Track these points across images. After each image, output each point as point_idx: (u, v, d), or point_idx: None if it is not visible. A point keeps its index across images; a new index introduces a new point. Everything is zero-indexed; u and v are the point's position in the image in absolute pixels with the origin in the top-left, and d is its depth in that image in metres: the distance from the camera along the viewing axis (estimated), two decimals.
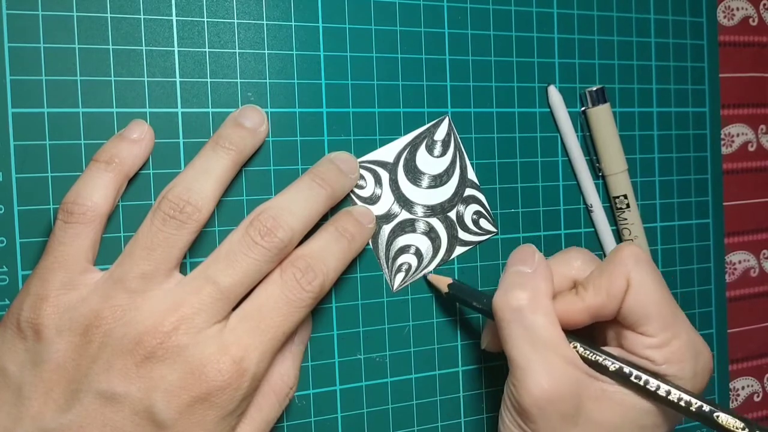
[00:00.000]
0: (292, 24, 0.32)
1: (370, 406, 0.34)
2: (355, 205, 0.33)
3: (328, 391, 0.33)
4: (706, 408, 0.27)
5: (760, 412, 0.44)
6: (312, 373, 0.33)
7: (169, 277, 0.27)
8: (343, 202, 0.33)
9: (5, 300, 0.28)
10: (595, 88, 0.37)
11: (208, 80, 0.31)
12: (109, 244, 0.29)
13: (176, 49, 0.30)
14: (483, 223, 0.36)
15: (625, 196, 0.38)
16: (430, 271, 0.35)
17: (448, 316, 0.35)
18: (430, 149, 0.35)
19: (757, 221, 0.44)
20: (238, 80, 0.31)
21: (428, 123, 0.35)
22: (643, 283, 0.29)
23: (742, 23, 0.43)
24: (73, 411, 0.24)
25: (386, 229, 0.34)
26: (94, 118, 0.29)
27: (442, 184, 0.35)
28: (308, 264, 0.28)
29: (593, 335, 0.32)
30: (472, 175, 0.36)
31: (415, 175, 0.35)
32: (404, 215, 0.34)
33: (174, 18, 0.30)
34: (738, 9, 0.43)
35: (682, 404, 0.27)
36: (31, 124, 0.28)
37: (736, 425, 0.27)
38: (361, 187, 0.33)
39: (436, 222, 0.35)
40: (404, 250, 0.34)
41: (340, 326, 0.33)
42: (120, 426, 0.24)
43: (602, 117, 0.37)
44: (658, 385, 0.28)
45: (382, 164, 0.34)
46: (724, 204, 0.42)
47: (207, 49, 0.31)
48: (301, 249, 0.29)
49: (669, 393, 0.28)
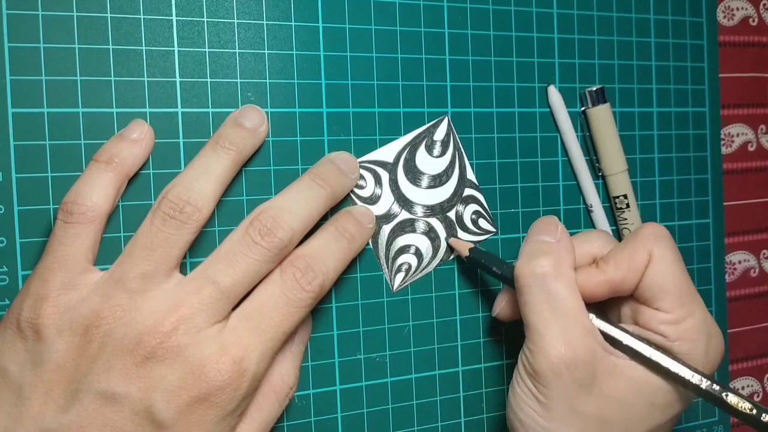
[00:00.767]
0: (292, 24, 0.32)
1: (370, 406, 0.34)
2: (355, 205, 0.33)
3: (328, 391, 0.33)
4: (716, 387, 0.27)
5: None
6: (312, 373, 0.33)
7: (169, 277, 0.27)
8: (343, 202, 0.33)
9: (5, 300, 0.28)
10: (595, 88, 0.37)
11: (208, 80, 0.31)
12: (109, 244, 0.29)
13: (176, 49, 0.30)
14: (482, 222, 0.36)
15: (625, 196, 0.38)
16: (431, 271, 0.35)
17: (448, 316, 0.35)
18: (430, 149, 0.35)
19: (757, 221, 0.44)
20: (238, 80, 0.31)
21: (428, 123, 0.35)
22: (664, 258, 0.29)
23: (742, 23, 0.43)
24: (73, 411, 0.24)
25: (386, 229, 0.34)
26: (94, 118, 0.29)
27: (442, 184, 0.35)
28: (308, 264, 0.28)
29: (606, 313, 0.32)
30: (471, 175, 0.36)
31: (414, 175, 0.35)
32: (404, 215, 0.34)
33: (174, 18, 0.30)
34: (738, 9, 0.43)
35: (693, 381, 0.28)
36: (31, 124, 0.28)
37: (745, 407, 0.26)
38: (361, 187, 0.33)
39: (435, 222, 0.35)
40: (404, 250, 0.34)
41: (340, 326, 0.33)
42: (120, 426, 0.24)
43: (602, 117, 0.37)
44: (670, 361, 0.28)
45: (382, 164, 0.34)
46: (724, 204, 0.42)
47: (207, 49, 0.31)
48: (301, 249, 0.29)
49: (680, 370, 0.28)
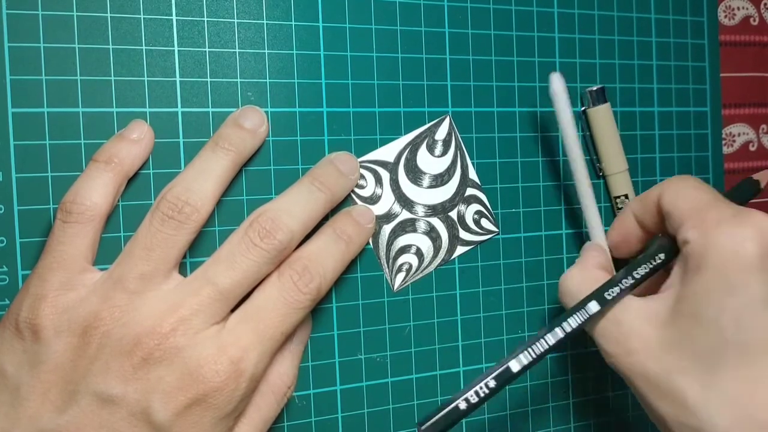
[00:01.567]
0: (293, 23, 0.32)
1: (370, 407, 0.34)
2: (356, 204, 0.33)
3: (329, 391, 0.33)
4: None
5: None
6: (312, 373, 0.33)
7: (168, 278, 0.27)
8: (344, 201, 0.32)
9: (5, 300, 0.28)
10: (595, 88, 0.37)
11: (208, 80, 0.31)
12: (109, 244, 0.29)
13: (176, 49, 0.30)
14: (484, 222, 0.36)
15: (626, 196, 0.38)
16: (432, 271, 0.35)
17: (448, 316, 0.35)
18: (431, 149, 0.35)
19: None
20: (238, 80, 0.31)
21: (429, 122, 0.35)
22: (671, 182, 0.30)
23: (743, 23, 0.43)
24: (70, 412, 0.24)
25: (387, 229, 0.34)
26: (94, 118, 0.29)
27: (443, 183, 0.35)
28: (305, 266, 0.28)
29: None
30: (473, 174, 0.36)
31: (415, 174, 0.34)
32: (405, 215, 0.34)
33: (174, 18, 0.30)
34: (739, 8, 0.43)
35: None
36: (31, 124, 0.28)
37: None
38: (362, 187, 0.33)
39: (437, 222, 0.35)
40: (405, 249, 0.34)
41: (341, 326, 0.33)
42: (117, 427, 0.24)
43: (602, 117, 0.37)
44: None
45: (383, 164, 0.34)
46: None
47: (207, 49, 0.31)
48: (300, 251, 0.29)
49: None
